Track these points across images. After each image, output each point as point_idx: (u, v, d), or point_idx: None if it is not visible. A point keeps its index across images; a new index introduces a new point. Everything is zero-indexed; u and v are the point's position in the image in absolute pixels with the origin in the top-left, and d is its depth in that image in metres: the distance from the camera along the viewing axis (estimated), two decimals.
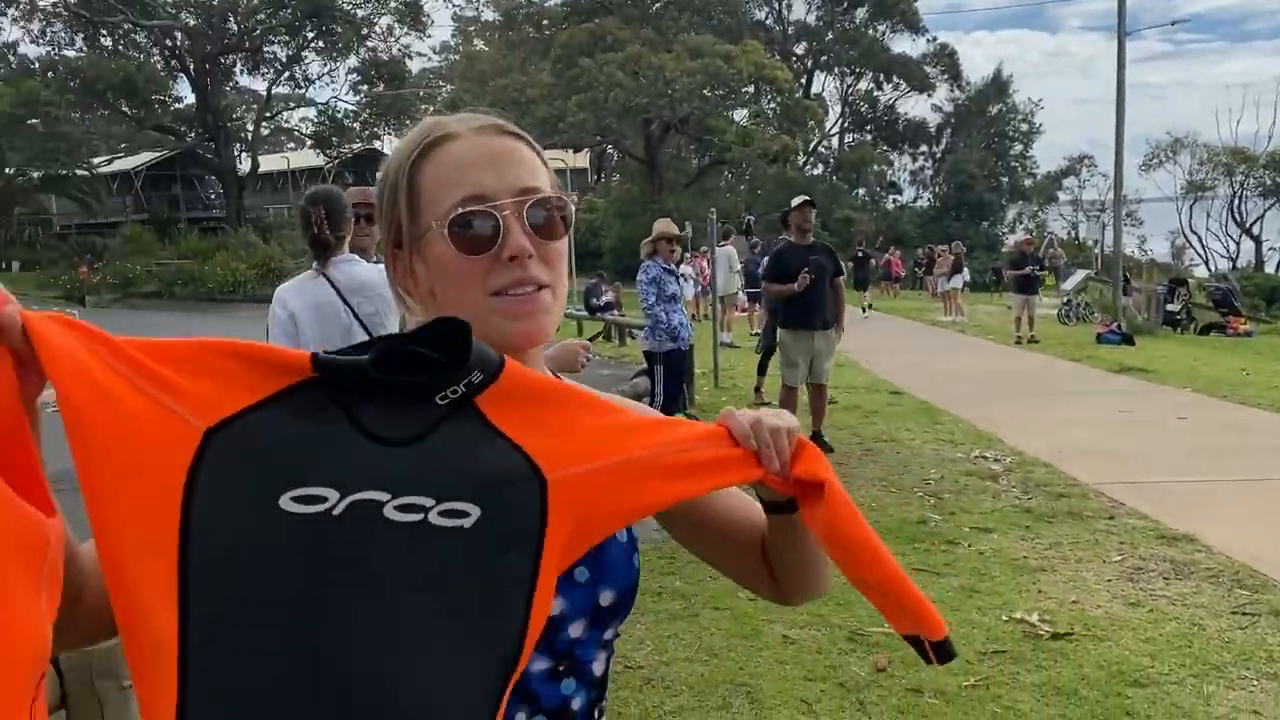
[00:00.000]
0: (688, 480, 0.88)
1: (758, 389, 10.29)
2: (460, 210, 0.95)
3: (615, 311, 18.07)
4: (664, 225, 7.86)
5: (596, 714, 1.07)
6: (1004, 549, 5.36)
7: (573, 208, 1.02)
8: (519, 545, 0.81)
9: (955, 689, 3.69)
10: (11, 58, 43.78)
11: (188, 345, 0.76)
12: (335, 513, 0.75)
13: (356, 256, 3.56)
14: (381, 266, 3.67)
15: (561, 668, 1.00)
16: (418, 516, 0.77)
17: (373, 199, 4.66)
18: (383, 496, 0.76)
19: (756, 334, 17.38)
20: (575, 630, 1.01)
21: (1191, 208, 40.63)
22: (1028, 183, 50.67)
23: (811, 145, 48.75)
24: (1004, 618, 4.39)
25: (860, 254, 24.41)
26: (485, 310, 0.95)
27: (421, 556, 0.77)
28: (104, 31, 42.26)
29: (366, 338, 3.57)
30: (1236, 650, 4.00)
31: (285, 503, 0.74)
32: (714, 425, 0.92)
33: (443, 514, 0.78)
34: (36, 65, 41.30)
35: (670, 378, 7.70)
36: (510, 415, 0.82)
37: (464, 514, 0.78)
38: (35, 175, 43.97)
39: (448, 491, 0.78)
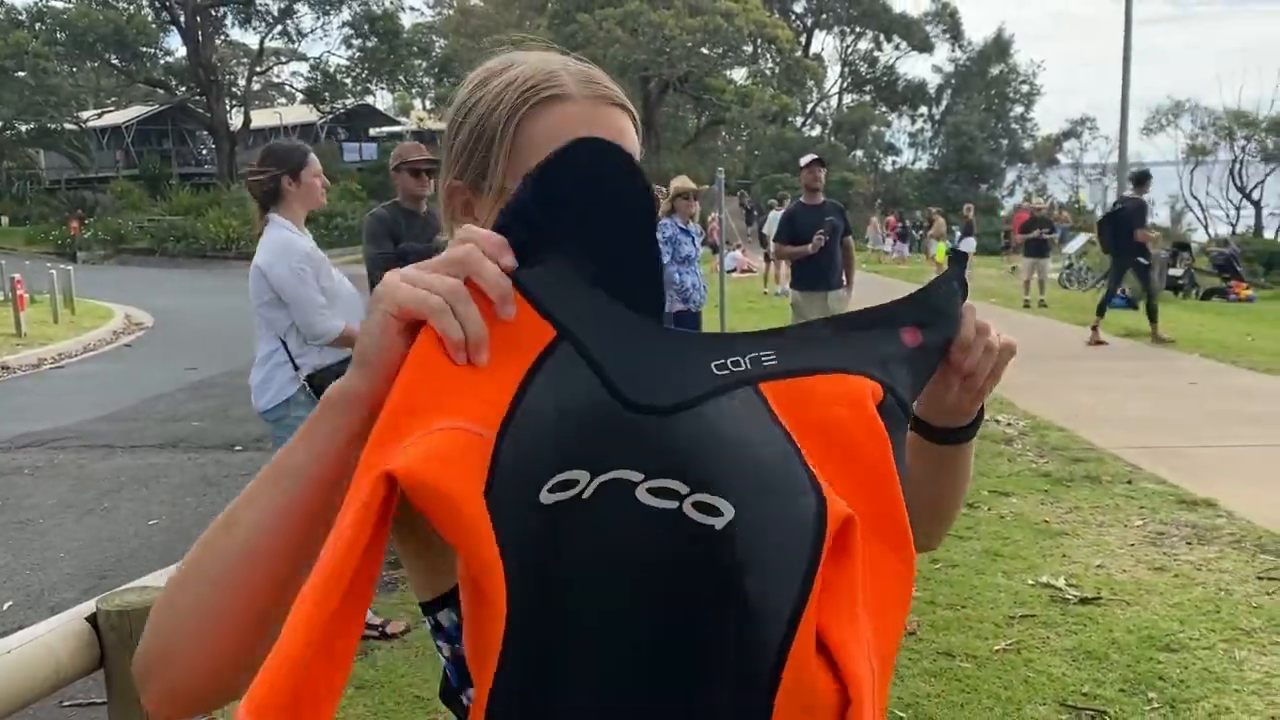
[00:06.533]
0: None
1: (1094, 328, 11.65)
2: None
3: None
4: (681, 182, 7.42)
5: None
6: (1025, 512, 5.32)
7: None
8: (777, 568, 0.63)
9: (986, 653, 3.66)
10: None
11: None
12: (584, 496, 0.63)
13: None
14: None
15: None
16: (673, 504, 0.63)
17: (428, 154, 4.60)
18: (635, 476, 0.63)
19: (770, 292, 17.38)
20: None
21: (1192, 172, 40.34)
22: (1028, 145, 50.42)
23: (810, 106, 48.40)
24: (1029, 581, 4.36)
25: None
26: None
27: (673, 551, 0.63)
28: None
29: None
30: (1265, 616, 3.97)
31: (544, 495, 0.62)
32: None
33: (695, 506, 0.63)
34: (24, 16, 40.56)
35: None
36: (799, 417, 0.67)
37: (717, 512, 0.63)
38: (23, 129, 43.41)
39: (704, 480, 0.63)
